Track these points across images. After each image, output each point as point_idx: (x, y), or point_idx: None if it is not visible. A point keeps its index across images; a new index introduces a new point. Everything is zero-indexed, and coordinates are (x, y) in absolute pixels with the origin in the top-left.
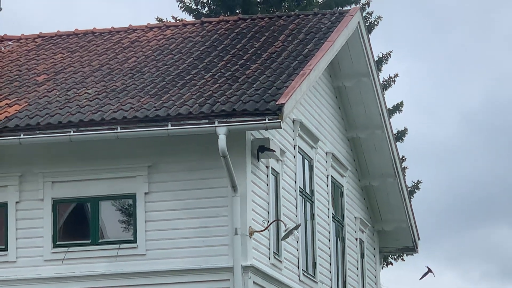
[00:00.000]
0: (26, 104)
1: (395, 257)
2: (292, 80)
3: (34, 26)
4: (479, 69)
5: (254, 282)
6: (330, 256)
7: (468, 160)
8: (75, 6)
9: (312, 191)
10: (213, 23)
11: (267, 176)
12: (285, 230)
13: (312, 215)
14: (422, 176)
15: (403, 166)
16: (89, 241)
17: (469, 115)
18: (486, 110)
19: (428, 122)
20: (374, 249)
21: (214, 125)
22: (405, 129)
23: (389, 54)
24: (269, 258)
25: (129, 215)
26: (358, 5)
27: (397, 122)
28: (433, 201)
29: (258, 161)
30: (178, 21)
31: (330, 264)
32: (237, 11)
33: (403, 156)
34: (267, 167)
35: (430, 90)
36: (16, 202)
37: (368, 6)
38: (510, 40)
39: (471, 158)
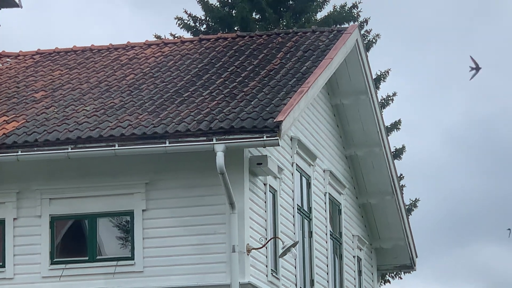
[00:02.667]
0: (24, 121)
1: (393, 274)
2: (290, 98)
3: (32, 43)
4: (459, 85)
5: None
6: (327, 273)
7: (453, 176)
8: (74, 23)
9: (310, 208)
10: (211, 40)
11: (265, 193)
12: (283, 248)
13: (310, 233)
14: (409, 195)
15: (401, 184)
16: (87, 258)
17: (450, 131)
18: (467, 126)
19: (413, 140)
20: (372, 266)
21: (212, 142)
22: (403, 147)
23: (387, 72)
24: (266, 276)
25: (127, 232)
26: (356, 23)
27: (395, 140)
28: (421, 219)
29: (255, 172)
30: (176, 38)
31: (327, 281)
32: (235, 28)
33: (401, 174)
34: (265, 184)
35: (413, 107)
36: (14, 219)
37: (367, 24)
38: (490, 55)
39: (455, 175)
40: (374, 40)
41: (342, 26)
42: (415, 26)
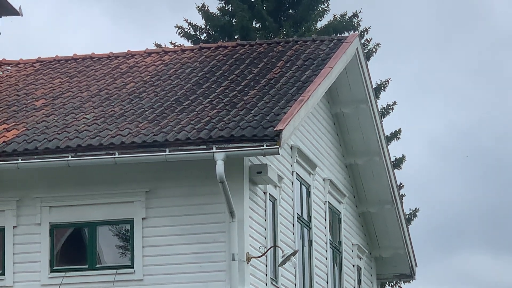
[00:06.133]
0: (24, 129)
1: (393, 284)
2: (290, 106)
3: (33, 50)
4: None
5: None
6: (327, 282)
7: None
8: (75, 32)
9: (309, 217)
10: (211, 49)
11: (264, 202)
12: (283, 256)
13: (310, 241)
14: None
15: (400, 193)
16: (86, 266)
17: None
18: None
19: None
20: (372, 275)
21: (212, 151)
22: (403, 156)
23: (388, 81)
24: (266, 284)
25: (127, 240)
26: (356, 32)
27: (395, 149)
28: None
29: (255, 181)
30: (176, 47)
31: None
32: (236, 37)
33: (401, 183)
34: (264, 193)
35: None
36: (14, 227)
37: (367, 33)
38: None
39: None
40: (374, 49)
41: (342, 35)
42: (413, 34)
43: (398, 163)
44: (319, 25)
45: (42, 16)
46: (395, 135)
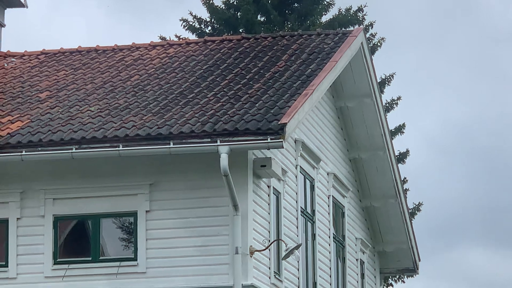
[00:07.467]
0: (29, 120)
1: (396, 278)
2: (295, 100)
3: (37, 42)
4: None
5: None
6: (330, 276)
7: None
8: (79, 24)
9: (313, 211)
10: (216, 42)
11: (268, 195)
12: (286, 250)
13: (313, 235)
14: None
15: (404, 188)
16: (90, 259)
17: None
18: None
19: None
20: (375, 269)
21: (216, 144)
22: (407, 150)
23: (392, 76)
24: (269, 278)
25: (130, 233)
26: (361, 26)
27: (399, 144)
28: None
29: (259, 174)
30: (181, 40)
31: (330, 284)
32: (240, 30)
33: (404, 178)
34: (268, 186)
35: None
36: (17, 219)
37: (372, 27)
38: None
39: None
40: (379, 44)
41: (347, 29)
42: (416, 30)
43: (402, 157)
44: (324, 19)
45: (40, 8)
46: (399, 129)
